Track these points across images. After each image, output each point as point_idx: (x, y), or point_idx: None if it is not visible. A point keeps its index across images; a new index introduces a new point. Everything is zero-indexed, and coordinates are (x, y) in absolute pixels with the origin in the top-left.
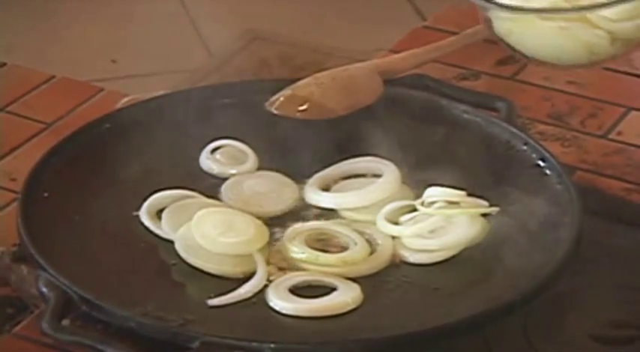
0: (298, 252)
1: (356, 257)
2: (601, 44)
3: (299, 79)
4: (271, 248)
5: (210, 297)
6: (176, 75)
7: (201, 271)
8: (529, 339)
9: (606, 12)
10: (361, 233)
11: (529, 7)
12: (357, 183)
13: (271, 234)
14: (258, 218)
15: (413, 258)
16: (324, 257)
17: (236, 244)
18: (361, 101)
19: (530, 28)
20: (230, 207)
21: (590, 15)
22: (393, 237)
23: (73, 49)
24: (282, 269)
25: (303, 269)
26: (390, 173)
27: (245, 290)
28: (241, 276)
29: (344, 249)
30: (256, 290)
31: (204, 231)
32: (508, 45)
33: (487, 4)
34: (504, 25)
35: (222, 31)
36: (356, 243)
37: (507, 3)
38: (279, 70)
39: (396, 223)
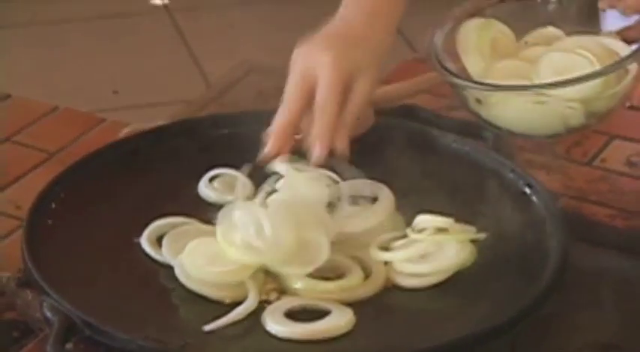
0: (296, 280)
1: (352, 284)
2: (575, 116)
3: None
4: (269, 272)
5: (208, 321)
6: (175, 105)
7: (200, 295)
8: None
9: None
10: (355, 258)
11: (505, 85)
12: (351, 210)
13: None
14: None
15: (404, 282)
16: (323, 285)
17: (223, 273)
18: (354, 130)
19: (505, 103)
20: None
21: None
22: (386, 263)
23: (76, 80)
24: (278, 293)
25: (299, 294)
26: (385, 197)
27: (236, 314)
28: (238, 300)
29: (339, 274)
30: (247, 312)
31: (194, 261)
32: (483, 119)
33: (465, 83)
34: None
35: (220, 62)
36: (351, 270)
37: (484, 81)
38: (275, 101)
39: (388, 249)
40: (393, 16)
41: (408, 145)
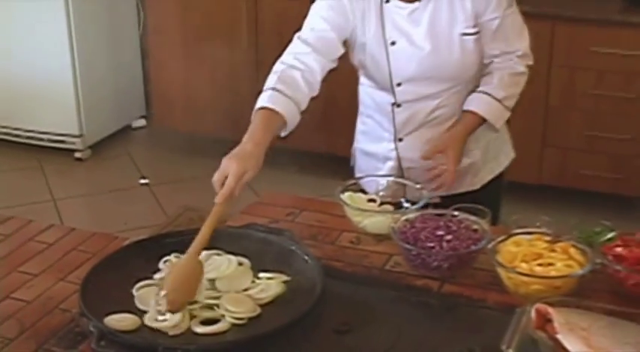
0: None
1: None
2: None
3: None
4: (195, 306)
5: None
6: (150, 228)
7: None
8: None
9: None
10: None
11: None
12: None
13: (194, 302)
14: None
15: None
16: (216, 312)
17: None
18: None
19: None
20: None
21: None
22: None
23: (103, 221)
24: (197, 316)
25: (205, 316)
26: (246, 263)
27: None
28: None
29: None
30: (183, 329)
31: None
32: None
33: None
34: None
35: (172, 206)
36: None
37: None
38: (199, 223)
39: (247, 289)
40: (265, 145)
41: (248, 239)
